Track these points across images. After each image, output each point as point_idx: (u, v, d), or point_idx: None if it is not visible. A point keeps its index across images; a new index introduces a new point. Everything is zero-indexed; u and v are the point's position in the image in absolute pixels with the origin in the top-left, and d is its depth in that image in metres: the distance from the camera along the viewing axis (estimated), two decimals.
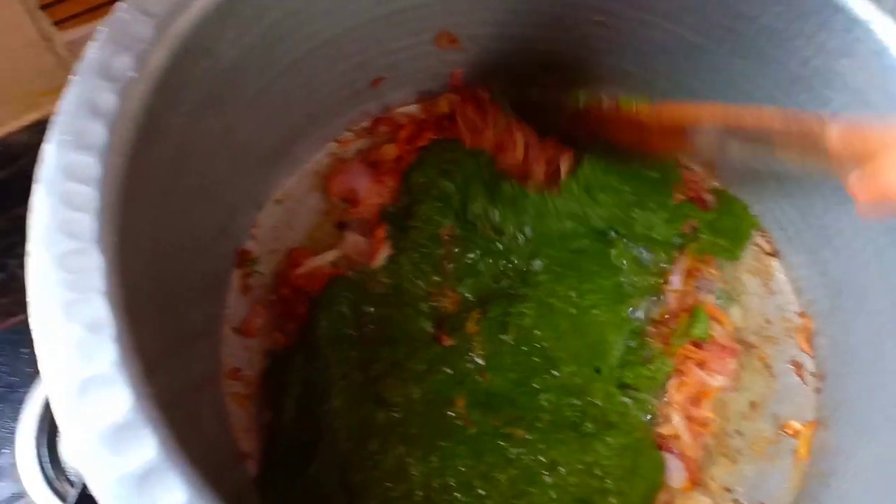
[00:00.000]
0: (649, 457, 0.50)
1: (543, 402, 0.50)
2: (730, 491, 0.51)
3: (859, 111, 0.45)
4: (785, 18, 0.44)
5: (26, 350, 0.57)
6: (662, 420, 0.52)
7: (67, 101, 0.33)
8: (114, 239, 0.32)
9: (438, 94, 0.59)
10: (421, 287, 0.53)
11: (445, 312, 0.53)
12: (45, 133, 0.33)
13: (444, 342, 0.51)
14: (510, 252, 0.54)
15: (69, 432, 0.29)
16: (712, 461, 0.52)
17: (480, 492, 0.47)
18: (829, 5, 0.42)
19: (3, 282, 0.58)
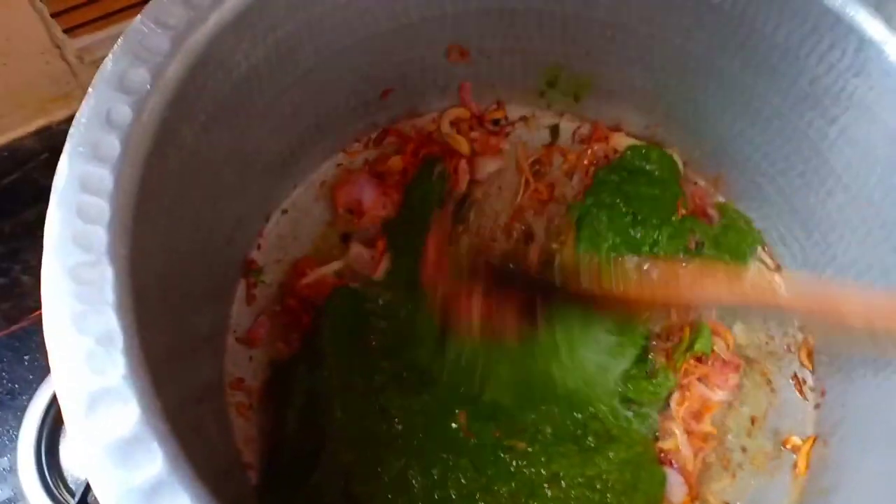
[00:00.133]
0: (650, 471, 0.50)
1: (545, 416, 0.50)
2: None
3: (865, 128, 0.45)
4: (798, 36, 0.44)
5: (28, 356, 0.57)
6: (664, 434, 0.52)
7: (82, 113, 0.33)
8: (125, 250, 0.32)
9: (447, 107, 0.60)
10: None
11: None
12: (53, 139, 0.33)
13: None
14: None
15: (78, 446, 0.29)
16: (712, 476, 0.52)
17: None
18: (841, 24, 0.42)
19: (6, 286, 0.57)
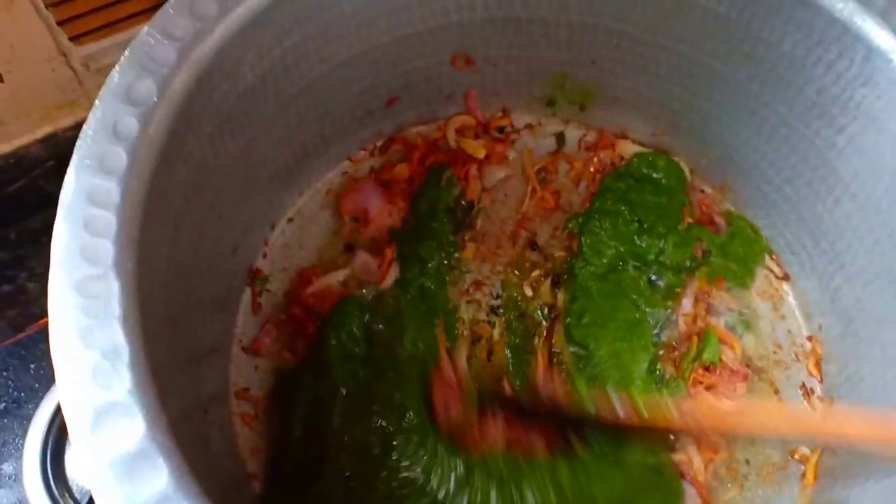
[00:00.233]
0: (668, 484, 0.50)
1: None
2: None
3: (873, 137, 0.45)
4: (805, 45, 0.44)
5: (34, 364, 0.57)
6: (675, 446, 0.51)
7: (89, 126, 0.33)
8: (131, 263, 0.32)
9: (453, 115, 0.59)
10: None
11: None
12: (59, 146, 0.33)
13: None
14: None
15: (84, 460, 0.29)
16: (722, 486, 0.52)
17: None
18: (849, 34, 0.42)
19: (12, 294, 0.57)
